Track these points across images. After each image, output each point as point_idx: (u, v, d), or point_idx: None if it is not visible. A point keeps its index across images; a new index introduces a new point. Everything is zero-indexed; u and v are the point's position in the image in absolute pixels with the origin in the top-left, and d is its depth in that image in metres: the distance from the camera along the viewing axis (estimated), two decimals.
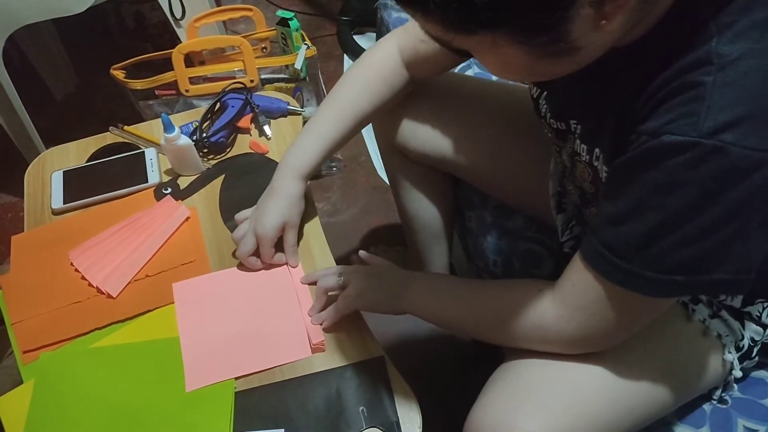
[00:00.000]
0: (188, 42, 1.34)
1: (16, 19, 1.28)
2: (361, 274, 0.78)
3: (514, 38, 0.45)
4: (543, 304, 0.63)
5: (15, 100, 1.38)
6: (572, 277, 0.60)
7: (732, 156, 0.44)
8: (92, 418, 0.72)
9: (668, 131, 0.47)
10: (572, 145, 0.66)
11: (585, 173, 0.65)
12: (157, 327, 0.80)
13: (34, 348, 0.79)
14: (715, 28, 0.46)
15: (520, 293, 0.66)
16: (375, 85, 0.84)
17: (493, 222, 0.98)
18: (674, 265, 0.51)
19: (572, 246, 0.82)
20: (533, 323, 0.64)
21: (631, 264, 0.52)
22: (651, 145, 0.48)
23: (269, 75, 1.41)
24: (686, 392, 0.71)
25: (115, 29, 1.88)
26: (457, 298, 0.73)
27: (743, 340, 0.70)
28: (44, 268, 0.88)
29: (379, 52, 0.85)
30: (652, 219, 0.50)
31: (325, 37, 2.04)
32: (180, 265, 0.87)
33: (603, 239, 0.54)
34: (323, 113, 0.85)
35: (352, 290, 0.76)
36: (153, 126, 1.10)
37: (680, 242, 0.50)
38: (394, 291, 0.76)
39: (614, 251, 0.53)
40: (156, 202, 0.96)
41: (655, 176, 0.48)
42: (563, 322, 0.61)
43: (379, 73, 0.84)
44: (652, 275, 0.52)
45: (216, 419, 0.71)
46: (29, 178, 1.03)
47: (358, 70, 0.85)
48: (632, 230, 0.51)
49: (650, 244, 0.51)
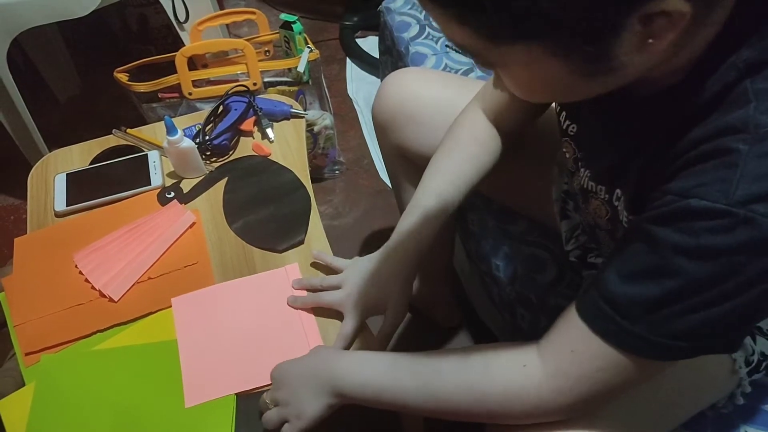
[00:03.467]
0: (191, 45, 1.35)
1: (21, 22, 1.28)
2: (288, 389, 0.69)
3: (555, 51, 0.43)
4: (534, 381, 0.56)
5: (18, 103, 1.39)
6: (569, 342, 0.54)
7: (764, 228, 0.43)
8: (93, 421, 0.72)
9: (697, 195, 0.44)
10: (580, 182, 0.64)
11: (601, 210, 0.62)
12: (160, 329, 0.80)
13: (36, 350, 0.79)
14: (753, 93, 0.44)
15: (503, 378, 0.58)
16: (477, 156, 0.79)
17: (495, 226, 0.98)
18: (682, 331, 0.49)
19: (578, 255, 0.81)
20: (528, 405, 0.57)
21: (635, 326, 0.50)
22: (678, 207, 0.46)
23: (272, 78, 1.42)
24: (695, 409, 0.71)
25: (119, 32, 1.89)
26: (415, 380, 0.62)
27: (753, 355, 0.69)
28: (47, 271, 0.88)
29: (465, 123, 0.81)
30: (669, 283, 0.47)
31: (329, 40, 2.05)
32: (183, 267, 0.87)
33: (607, 296, 0.51)
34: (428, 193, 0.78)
35: (283, 412, 0.68)
36: (156, 129, 1.10)
37: (693, 308, 0.47)
38: (323, 389, 0.66)
39: (619, 310, 0.50)
40: (158, 204, 0.96)
41: (679, 239, 0.46)
42: (562, 396, 0.55)
43: (477, 140, 0.79)
44: (657, 339, 0.49)
45: (218, 422, 0.71)
46: (32, 181, 1.03)
47: (453, 144, 0.81)
48: (644, 291, 0.49)
49: (661, 308, 0.48)
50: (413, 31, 1.32)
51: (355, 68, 1.96)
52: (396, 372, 0.63)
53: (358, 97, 1.87)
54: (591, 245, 0.80)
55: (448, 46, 1.28)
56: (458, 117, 0.83)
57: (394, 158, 1.00)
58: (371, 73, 1.92)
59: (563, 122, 0.69)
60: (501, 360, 0.59)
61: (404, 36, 1.32)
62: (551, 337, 0.56)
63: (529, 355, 0.57)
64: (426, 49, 1.28)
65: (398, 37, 1.33)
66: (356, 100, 1.86)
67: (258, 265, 0.87)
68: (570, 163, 0.70)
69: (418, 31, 1.33)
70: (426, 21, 1.35)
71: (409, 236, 0.76)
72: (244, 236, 0.91)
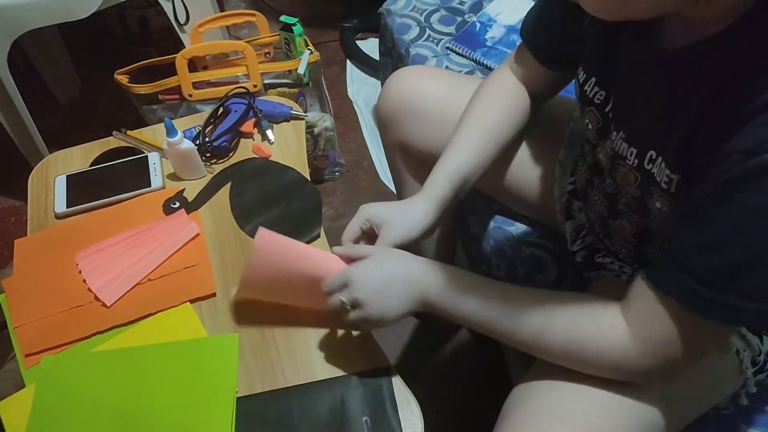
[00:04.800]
0: (192, 47, 1.35)
1: (22, 24, 1.29)
2: (368, 290, 0.68)
3: None
4: (622, 343, 0.58)
5: (19, 104, 1.39)
6: (654, 311, 0.55)
7: None
8: (93, 422, 0.72)
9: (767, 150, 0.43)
10: (612, 146, 0.64)
11: (630, 177, 0.62)
12: (159, 331, 0.80)
13: (36, 351, 0.79)
14: None
15: (591, 328, 0.60)
16: (515, 111, 0.80)
17: (496, 227, 0.98)
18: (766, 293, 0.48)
19: (584, 256, 0.81)
20: (613, 363, 0.59)
21: (727, 296, 0.49)
22: (749, 166, 0.44)
23: (272, 80, 1.42)
24: (702, 409, 0.71)
25: (120, 34, 1.89)
26: (513, 310, 0.64)
27: (760, 355, 0.69)
28: (47, 272, 0.88)
29: (497, 79, 0.82)
30: (753, 246, 0.46)
31: (329, 42, 2.05)
32: (182, 269, 0.87)
33: (697, 274, 0.51)
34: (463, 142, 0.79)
35: (362, 313, 0.68)
36: (156, 130, 1.10)
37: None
38: (411, 295, 0.68)
39: (708, 284, 0.50)
40: (160, 207, 0.95)
41: (757, 199, 0.44)
42: (647, 359, 0.57)
43: (513, 97, 0.80)
44: (746, 305, 0.49)
45: (217, 424, 0.71)
46: (33, 182, 1.03)
47: (489, 99, 0.81)
48: (727, 258, 0.48)
49: (748, 272, 0.48)
50: (414, 33, 1.33)
51: (356, 70, 1.97)
52: (493, 302, 0.64)
53: (358, 99, 1.87)
54: (599, 245, 0.79)
55: (448, 48, 1.28)
56: (487, 79, 0.83)
57: (396, 154, 1.00)
58: (371, 75, 1.93)
59: (590, 91, 0.68)
60: (595, 314, 0.61)
61: (405, 38, 1.32)
62: (636, 302, 0.58)
63: (616, 318, 0.59)
64: (426, 51, 1.28)
65: (399, 39, 1.33)
66: (356, 102, 1.86)
67: None
68: (593, 134, 0.69)
69: (419, 33, 1.33)
70: (426, 23, 1.35)
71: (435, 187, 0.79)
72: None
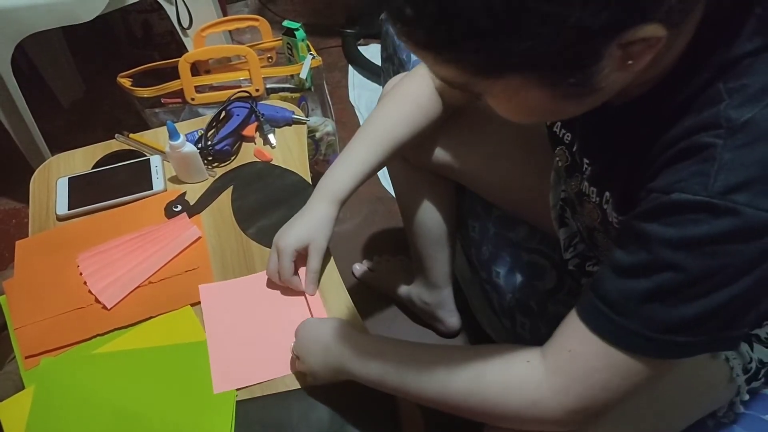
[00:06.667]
0: (195, 51, 1.35)
1: (25, 27, 1.29)
2: (303, 349, 0.73)
3: (542, 81, 0.45)
4: (535, 376, 0.56)
5: (22, 107, 1.39)
6: (569, 342, 0.55)
7: (746, 216, 0.44)
8: (92, 425, 0.72)
9: (679, 189, 0.46)
10: (579, 185, 0.66)
11: (594, 214, 0.64)
12: (159, 334, 0.80)
13: (36, 353, 0.79)
14: (726, 92, 0.46)
15: (504, 367, 0.59)
16: (412, 114, 0.84)
17: (496, 233, 0.98)
18: (677, 324, 0.49)
19: (577, 264, 0.81)
20: (526, 399, 0.57)
21: (630, 321, 0.50)
22: (661, 202, 0.47)
23: (274, 84, 1.42)
24: (693, 417, 0.70)
25: (123, 37, 1.90)
26: (419, 365, 0.63)
27: (751, 362, 0.69)
28: (48, 274, 0.88)
29: (412, 82, 0.85)
30: (659, 276, 0.48)
31: (331, 48, 2.06)
32: (183, 272, 0.87)
33: (602, 293, 0.52)
34: (360, 141, 0.85)
35: (302, 367, 0.73)
36: (158, 134, 1.11)
37: (685, 300, 0.48)
38: (332, 359, 0.70)
39: (613, 306, 0.51)
40: (161, 210, 0.96)
41: (665, 232, 0.47)
42: (561, 395, 0.55)
43: (416, 101, 0.84)
44: (652, 335, 0.50)
45: (217, 428, 0.71)
46: (35, 184, 1.03)
47: (394, 100, 0.85)
48: (637, 285, 0.49)
49: (654, 301, 0.49)
50: None
51: (357, 75, 1.97)
52: (401, 360, 0.65)
53: (360, 104, 1.87)
54: (589, 253, 0.80)
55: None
56: (408, 81, 0.86)
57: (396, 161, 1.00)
58: (373, 81, 1.93)
59: (559, 131, 0.71)
60: (506, 355, 0.59)
61: None
62: (554, 338, 0.57)
63: (533, 353, 0.58)
64: None
65: (400, 44, 1.34)
66: (358, 107, 1.86)
67: (258, 268, 0.87)
68: (562, 171, 0.72)
69: None
70: None
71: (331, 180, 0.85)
72: (262, 240, 0.92)
